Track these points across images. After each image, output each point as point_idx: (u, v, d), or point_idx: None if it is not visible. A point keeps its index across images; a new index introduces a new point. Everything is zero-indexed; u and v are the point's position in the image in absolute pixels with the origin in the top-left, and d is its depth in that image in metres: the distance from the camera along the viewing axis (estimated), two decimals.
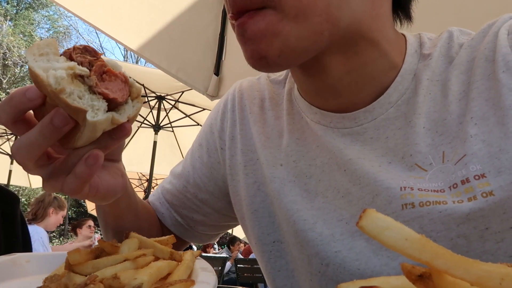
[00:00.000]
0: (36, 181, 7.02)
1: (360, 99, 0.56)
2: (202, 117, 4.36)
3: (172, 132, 5.04)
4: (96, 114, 0.39)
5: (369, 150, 0.55)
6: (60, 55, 0.39)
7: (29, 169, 0.44)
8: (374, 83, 0.55)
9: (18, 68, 21.92)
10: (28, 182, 6.90)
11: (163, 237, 0.58)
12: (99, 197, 0.49)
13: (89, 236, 5.18)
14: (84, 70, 0.39)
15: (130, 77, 0.43)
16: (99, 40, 25.24)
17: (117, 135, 0.43)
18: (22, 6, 23.49)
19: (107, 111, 0.40)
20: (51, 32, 24.71)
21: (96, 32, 23.98)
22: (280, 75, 0.72)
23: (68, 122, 0.39)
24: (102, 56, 0.42)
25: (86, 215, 7.10)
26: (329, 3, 0.47)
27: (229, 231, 8.60)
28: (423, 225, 0.48)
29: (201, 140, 0.76)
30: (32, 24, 23.25)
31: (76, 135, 0.40)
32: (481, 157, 0.47)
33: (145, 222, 0.72)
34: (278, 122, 0.67)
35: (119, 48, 26.89)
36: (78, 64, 0.39)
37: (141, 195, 7.47)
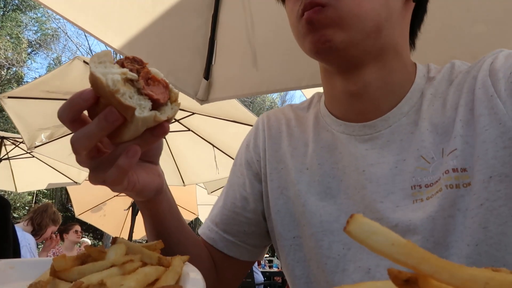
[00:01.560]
0: (22, 186, 6.90)
1: (379, 107, 0.69)
2: (192, 122, 4.33)
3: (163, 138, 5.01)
4: (143, 111, 0.47)
5: (387, 151, 0.68)
6: (114, 63, 0.48)
7: (81, 160, 0.52)
8: (393, 92, 0.69)
9: (5, 70, 21.58)
10: (13, 186, 6.77)
11: (151, 243, 0.57)
12: (136, 191, 0.57)
13: (76, 241, 5.11)
14: (133, 76, 0.48)
15: (170, 83, 0.52)
16: (88, 43, 25.01)
17: (157, 132, 0.51)
18: (9, 8, 23.17)
19: (151, 110, 0.48)
20: (39, 34, 24.42)
21: (85, 35, 23.77)
22: (303, 103, 0.87)
23: (118, 118, 0.47)
24: (147, 65, 0.51)
25: (73, 219, 7.02)
26: (379, 13, 0.62)
27: None
28: (429, 211, 0.62)
29: (240, 159, 0.87)
30: (20, 26, 22.93)
31: (123, 130, 0.49)
32: (465, 155, 0.61)
33: (192, 247, 0.77)
34: (303, 135, 0.80)
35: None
36: (129, 70, 0.48)
37: (130, 199, 7.41)
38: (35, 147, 4.33)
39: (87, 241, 7.43)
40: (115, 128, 0.48)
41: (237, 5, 1.84)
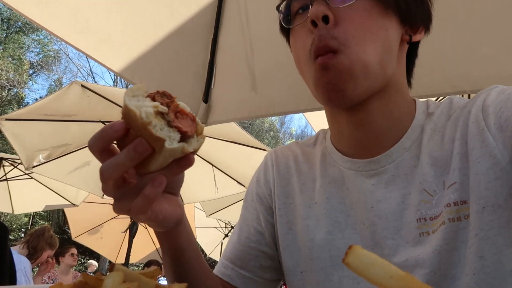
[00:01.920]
0: (19, 207, 6.83)
1: (382, 142, 0.72)
2: None
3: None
4: (172, 143, 0.50)
5: (393, 186, 0.70)
6: (146, 97, 0.51)
7: (107, 190, 0.54)
8: (395, 128, 0.72)
9: (6, 92, 21.73)
10: (11, 208, 6.70)
11: (149, 270, 0.57)
12: (159, 221, 0.59)
13: (72, 265, 5.02)
14: (164, 109, 0.50)
15: (196, 117, 0.54)
16: (89, 65, 25.31)
17: (183, 163, 0.53)
18: (13, 30, 23.55)
19: (179, 142, 0.51)
20: (40, 56, 24.72)
21: (86, 57, 24.06)
22: (309, 140, 0.90)
23: (147, 149, 0.49)
24: (175, 99, 0.53)
25: (69, 242, 6.93)
26: (383, 57, 0.66)
27: (217, 259, 8.44)
28: (434, 244, 0.63)
29: (252, 195, 0.89)
30: (22, 47, 23.24)
31: (150, 161, 0.51)
32: (464, 187, 0.64)
33: (210, 281, 0.78)
34: (311, 171, 0.82)
35: (109, 73, 27.00)
36: (160, 104, 0.50)
37: (127, 221, 7.34)
38: (33, 167, 4.32)
39: (94, 263, 7.31)
40: (143, 158, 0.50)
41: (236, 29, 1.87)
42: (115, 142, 0.53)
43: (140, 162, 0.51)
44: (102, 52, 1.74)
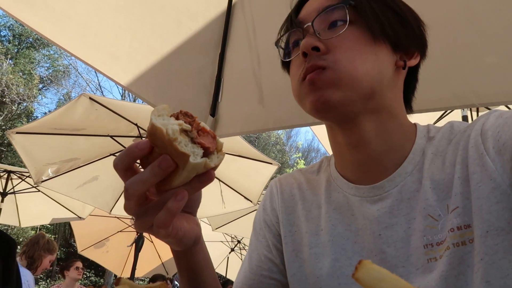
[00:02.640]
0: (26, 220, 6.86)
1: (384, 166, 0.73)
2: None
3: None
4: (196, 158, 0.52)
5: (397, 211, 0.71)
6: (170, 116, 0.54)
7: (130, 207, 0.55)
8: (394, 150, 0.73)
9: (16, 106, 22.07)
10: (17, 221, 6.73)
11: (155, 284, 0.57)
12: (178, 238, 0.60)
13: (77, 278, 5.00)
14: (188, 127, 0.53)
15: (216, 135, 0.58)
16: (98, 79, 25.67)
17: (204, 178, 0.56)
18: (24, 45, 24.04)
19: (202, 157, 0.53)
20: (50, 70, 25.15)
21: (95, 72, 24.43)
22: (312, 167, 0.91)
23: (171, 165, 0.52)
24: (196, 119, 0.57)
25: (75, 255, 6.91)
26: (372, 77, 0.68)
27: (223, 273, 8.37)
28: (441, 270, 0.63)
29: (260, 223, 0.89)
30: (32, 62, 23.68)
31: (173, 177, 0.53)
32: (466, 212, 0.64)
33: None
34: (316, 198, 0.83)
35: (117, 87, 27.35)
36: (184, 122, 0.54)
37: (133, 234, 7.32)
38: (42, 181, 4.34)
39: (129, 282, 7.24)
40: (167, 175, 0.52)
41: (243, 43, 1.89)
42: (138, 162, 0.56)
43: (163, 179, 0.53)
44: (110, 66, 1.76)
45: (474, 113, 3.28)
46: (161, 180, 0.53)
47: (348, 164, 0.78)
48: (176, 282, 8.58)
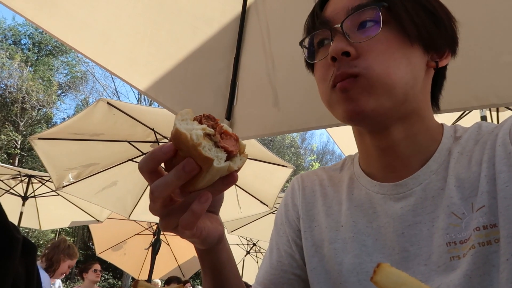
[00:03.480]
0: (46, 224, 7.00)
1: (409, 164, 0.73)
2: None
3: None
4: (220, 162, 0.53)
5: (421, 209, 0.70)
6: (193, 120, 0.54)
7: (155, 208, 0.57)
8: (421, 152, 0.73)
9: (36, 112, 22.59)
10: (38, 224, 6.88)
11: (172, 286, 0.57)
12: (202, 238, 0.61)
13: (95, 280, 5.07)
14: (211, 131, 0.53)
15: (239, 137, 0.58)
16: (114, 85, 26.09)
17: (228, 181, 0.56)
18: (43, 53, 24.63)
19: (225, 161, 0.54)
20: (68, 77, 25.68)
21: (111, 77, 24.86)
22: (335, 165, 0.91)
23: (195, 168, 0.52)
24: (218, 121, 0.57)
25: (94, 258, 7.02)
26: (406, 82, 0.66)
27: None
28: (465, 269, 0.62)
29: (281, 219, 0.90)
30: (51, 69, 24.24)
31: (197, 180, 0.54)
32: (493, 211, 0.63)
33: None
34: (337, 194, 0.83)
35: (133, 92, 27.70)
36: (207, 126, 0.54)
37: (150, 237, 7.39)
38: (63, 186, 4.43)
39: (157, 281, 7.34)
40: (191, 177, 0.53)
41: (258, 47, 1.90)
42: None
43: (188, 181, 0.54)
44: (128, 72, 1.80)
45: (494, 113, 3.21)
46: (186, 182, 0.54)
47: (373, 162, 0.77)
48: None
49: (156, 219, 4.92)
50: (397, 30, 0.66)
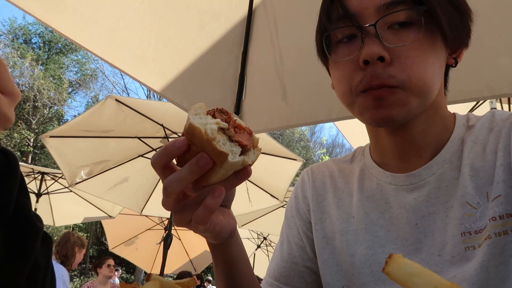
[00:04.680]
0: (60, 220, 7.11)
1: (421, 155, 0.72)
2: None
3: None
4: (234, 157, 0.52)
5: (434, 199, 0.69)
6: (206, 114, 0.53)
7: (168, 203, 0.56)
8: (434, 141, 0.72)
9: (47, 109, 22.86)
10: (52, 220, 6.99)
11: (185, 280, 0.57)
12: (216, 232, 0.61)
13: (109, 275, 5.14)
14: (225, 125, 0.53)
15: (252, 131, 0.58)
16: (124, 82, 26.26)
17: (241, 175, 0.56)
18: (53, 51, 24.85)
19: (240, 155, 0.53)
20: (78, 74, 25.90)
21: (121, 74, 25.02)
22: (346, 157, 0.90)
23: (209, 163, 0.52)
24: (232, 115, 0.56)
25: (107, 253, 7.11)
26: (436, 86, 0.66)
27: None
28: (481, 260, 0.62)
29: (291, 211, 0.89)
30: (62, 67, 24.46)
31: (211, 174, 0.54)
32: (509, 200, 0.62)
33: None
34: (348, 186, 0.82)
35: (142, 88, 27.88)
36: (221, 120, 0.53)
37: (162, 232, 7.46)
38: (76, 183, 4.49)
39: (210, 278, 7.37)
40: (204, 172, 0.53)
41: (266, 41, 1.89)
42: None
43: (201, 176, 0.53)
44: (136, 68, 1.80)
45: (506, 106, 3.16)
46: (199, 177, 0.54)
47: (386, 153, 0.77)
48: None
49: (168, 214, 4.95)
50: (431, 31, 0.63)
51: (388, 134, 0.73)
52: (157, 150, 4.46)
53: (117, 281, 7.23)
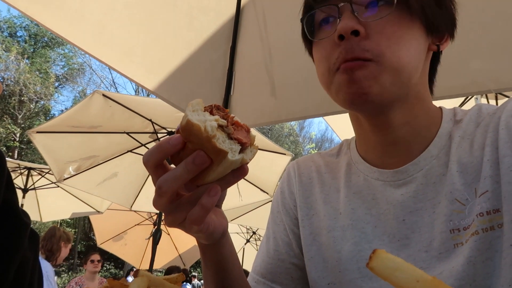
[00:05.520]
0: (47, 215, 7.03)
1: (410, 149, 0.71)
2: None
3: None
4: (234, 155, 0.51)
5: (422, 195, 0.69)
6: (204, 111, 0.52)
7: (161, 203, 0.54)
8: (421, 136, 0.71)
9: (33, 104, 22.49)
10: (39, 216, 6.91)
11: (173, 275, 0.58)
12: (209, 233, 0.59)
13: (94, 271, 5.11)
14: (224, 122, 0.51)
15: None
16: (112, 76, 25.96)
17: (238, 173, 0.55)
18: (39, 45, 24.41)
19: (239, 154, 0.52)
20: (65, 69, 25.51)
21: (109, 69, 24.67)
22: (332, 150, 0.89)
23: (206, 161, 0.50)
24: (228, 112, 0.55)
25: (95, 249, 7.07)
26: (414, 66, 0.65)
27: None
28: (468, 255, 0.61)
29: (277, 207, 0.88)
30: (48, 61, 24.06)
31: (207, 173, 0.52)
32: (496, 196, 0.61)
33: None
34: (335, 181, 0.82)
35: (131, 83, 27.59)
36: (220, 117, 0.52)
37: (151, 227, 7.43)
38: (64, 179, 4.44)
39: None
40: (201, 170, 0.51)
41: (254, 36, 1.89)
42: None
43: (197, 174, 0.52)
44: (124, 63, 1.78)
45: (492, 101, 3.21)
46: (195, 176, 0.52)
47: (372, 148, 0.76)
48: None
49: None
50: (405, 9, 0.64)
51: (371, 126, 0.72)
52: (146, 145, 4.46)
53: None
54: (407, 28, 0.64)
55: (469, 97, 3.01)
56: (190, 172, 0.50)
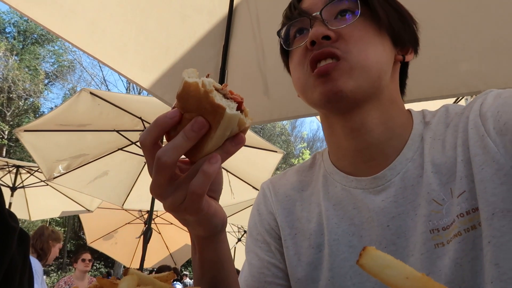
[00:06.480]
0: (36, 214, 6.95)
1: (384, 152, 0.72)
2: None
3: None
4: (232, 110, 0.50)
5: (402, 199, 0.70)
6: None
7: (159, 183, 0.52)
8: (395, 137, 0.72)
9: (22, 101, 22.20)
10: (27, 215, 6.83)
11: (163, 274, 0.57)
12: (210, 215, 0.58)
13: (85, 270, 5.07)
14: (219, 85, 0.52)
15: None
16: (103, 74, 25.71)
17: (236, 141, 0.54)
18: (29, 41, 24.09)
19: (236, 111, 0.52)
20: (55, 66, 25.22)
21: (99, 66, 24.49)
22: (304, 163, 0.88)
23: (205, 126, 0.50)
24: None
25: (85, 248, 7.00)
26: (381, 65, 0.69)
27: None
28: (454, 257, 0.62)
29: (256, 228, 0.86)
30: (38, 58, 23.75)
31: (205, 143, 0.52)
32: (473, 195, 0.63)
33: None
34: (314, 198, 0.81)
35: (122, 80, 27.40)
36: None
37: (141, 226, 7.39)
38: (54, 178, 4.39)
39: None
40: (200, 137, 0.51)
41: (248, 35, 1.89)
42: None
43: (194, 147, 0.51)
44: (117, 60, 1.77)
45: None
46: (192, 148, 0.51)
47: (345, 155, 0.76)
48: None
49: (148, 207, 4.93)
50: (371, 19, 0.70)
51: (344, 130, 0.72)
52: (136, 143, 4.43)
53: None
54: (374, 35, 0.70)
55: (460, 98, 3.04)
56: (189, 140, 0.50)
